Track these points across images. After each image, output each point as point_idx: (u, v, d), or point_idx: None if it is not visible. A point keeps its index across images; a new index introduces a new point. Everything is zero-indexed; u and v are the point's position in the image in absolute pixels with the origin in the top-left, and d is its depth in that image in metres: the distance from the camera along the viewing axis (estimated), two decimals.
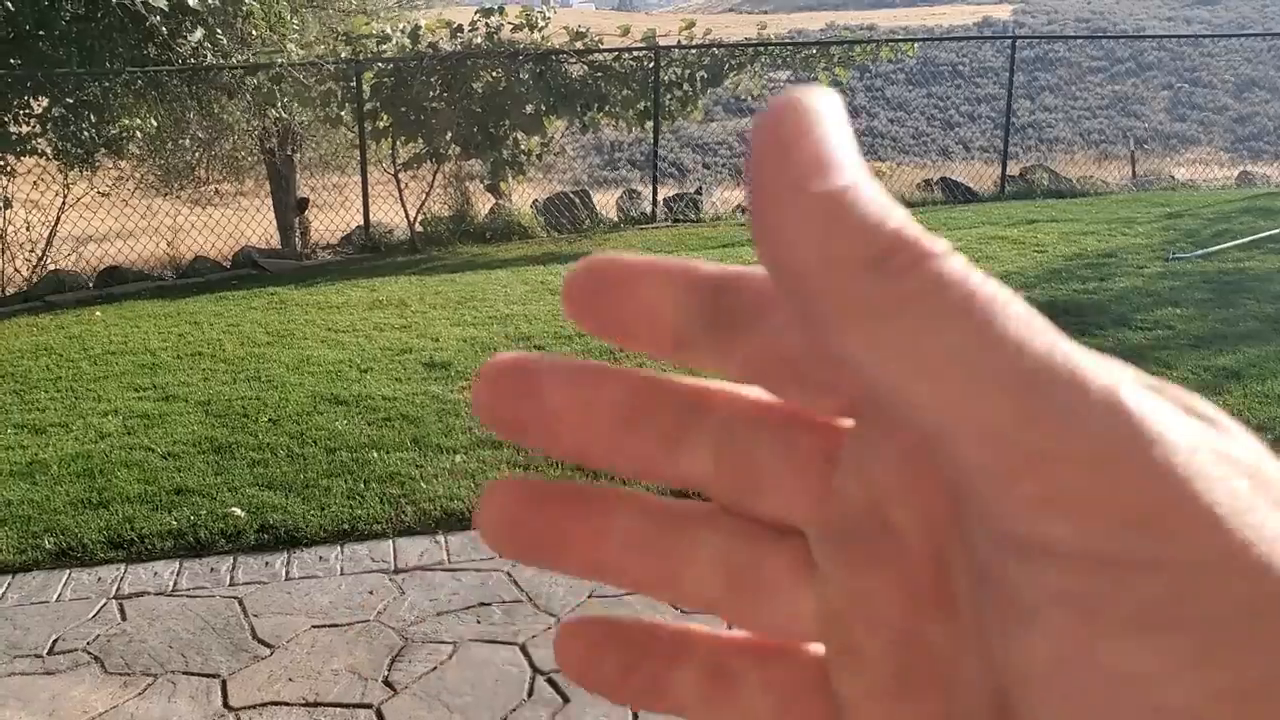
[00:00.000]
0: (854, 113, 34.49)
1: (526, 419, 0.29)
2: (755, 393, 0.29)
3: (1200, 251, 9.45)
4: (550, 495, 0.30)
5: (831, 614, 0.27)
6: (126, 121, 11.02)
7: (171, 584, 4.32)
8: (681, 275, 0.28)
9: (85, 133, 10.63)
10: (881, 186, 0.24)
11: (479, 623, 3.96)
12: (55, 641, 3.92)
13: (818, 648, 0.28)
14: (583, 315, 0.28)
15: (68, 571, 4.43)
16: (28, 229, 11.12)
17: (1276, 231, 10.16)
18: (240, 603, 4.16)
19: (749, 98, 13.53)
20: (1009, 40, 15.77)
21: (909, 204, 13.58)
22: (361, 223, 12.29)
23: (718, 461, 0.28)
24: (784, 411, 0.28)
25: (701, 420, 0.29)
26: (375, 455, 5.36)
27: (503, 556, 0.30)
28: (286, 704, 3.53)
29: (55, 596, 4.24)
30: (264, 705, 3.53)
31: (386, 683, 3.62)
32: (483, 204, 12.77)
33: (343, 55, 11.88)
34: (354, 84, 11.71)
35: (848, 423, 0.28)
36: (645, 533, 0.30)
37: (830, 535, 0.27)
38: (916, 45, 14.82)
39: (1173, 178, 15.44)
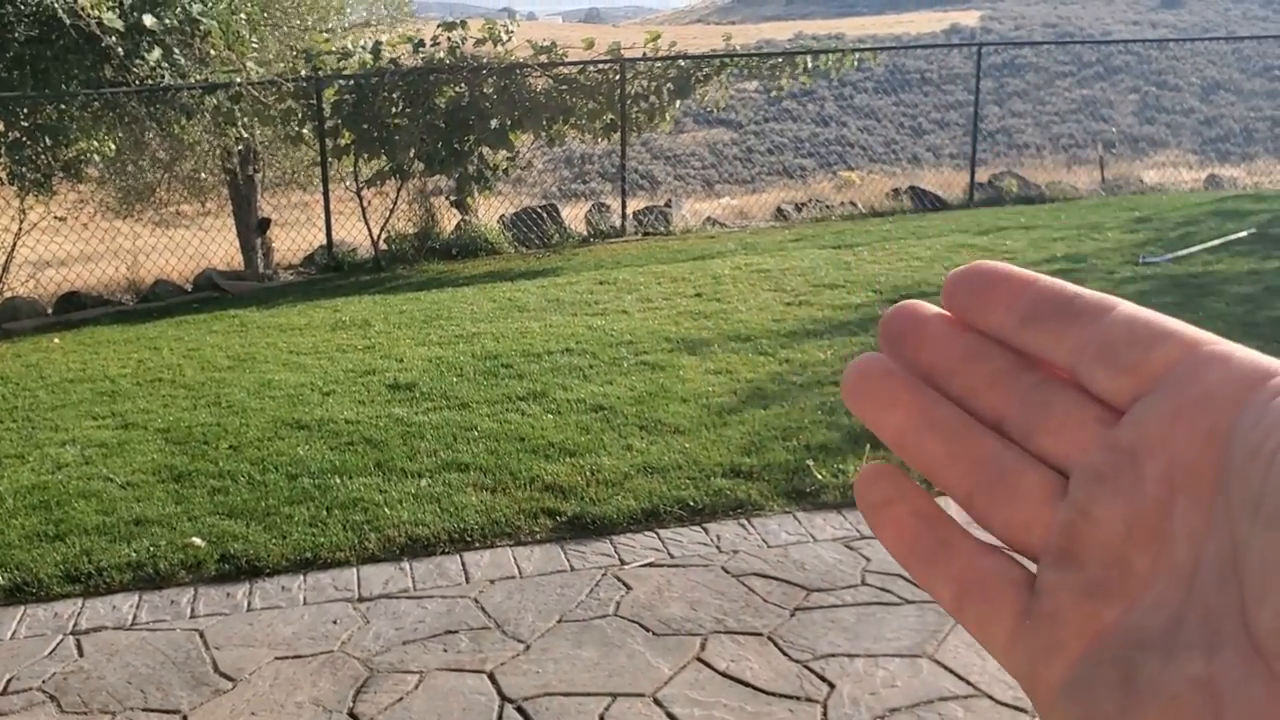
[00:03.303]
0: (824, 121, 34.58)
1: (904, 336, 0.38)
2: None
3: (1170, 255, 9.46)
4: (890, 373, 0.38)
5: (1066, 527, 0.34)
6: (84, 144, 10.88)
7: (131, 618, 4.21)
8: (1045, 283, 0.36)
9: (41, 156, 10.49)
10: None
11: (445, 651, 3.87)
12: (9, 681, 3.80)
13: (1017, 573, 0.36)
14: (955, 305, 0.37)
15: (23, 608, 4.31)
16: None
17: (1244, 234, 10.19)
18: (201, 635, 4.06)
19: (715, 109, 13.51)
20: (976, 48, 15.78)
21: (878, 213, 13.61)
22: (324, 242, 12.18)
23: (1023, 403, 0.36)
24: (1082, 388, 0.35)
25: (1021, 377, 0.36)
26: (338, 481, 5.25)
27: (847, 401, 0.39)
28: None
29: (10, 634, 4.13)
30: None
31: (351, 715, 3.53)
32: (449, 220, 12.67)
33: (303, 73, 11.78)
34: (315, 101, 11.61)
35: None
36: (949, 421, 0.37)
37: (1091, 471, 0.34)
38: (881, 54, 14.81)
39: (1141, 181, 15.49)
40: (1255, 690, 0.28)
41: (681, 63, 12.79)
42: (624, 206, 13.19)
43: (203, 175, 13.48)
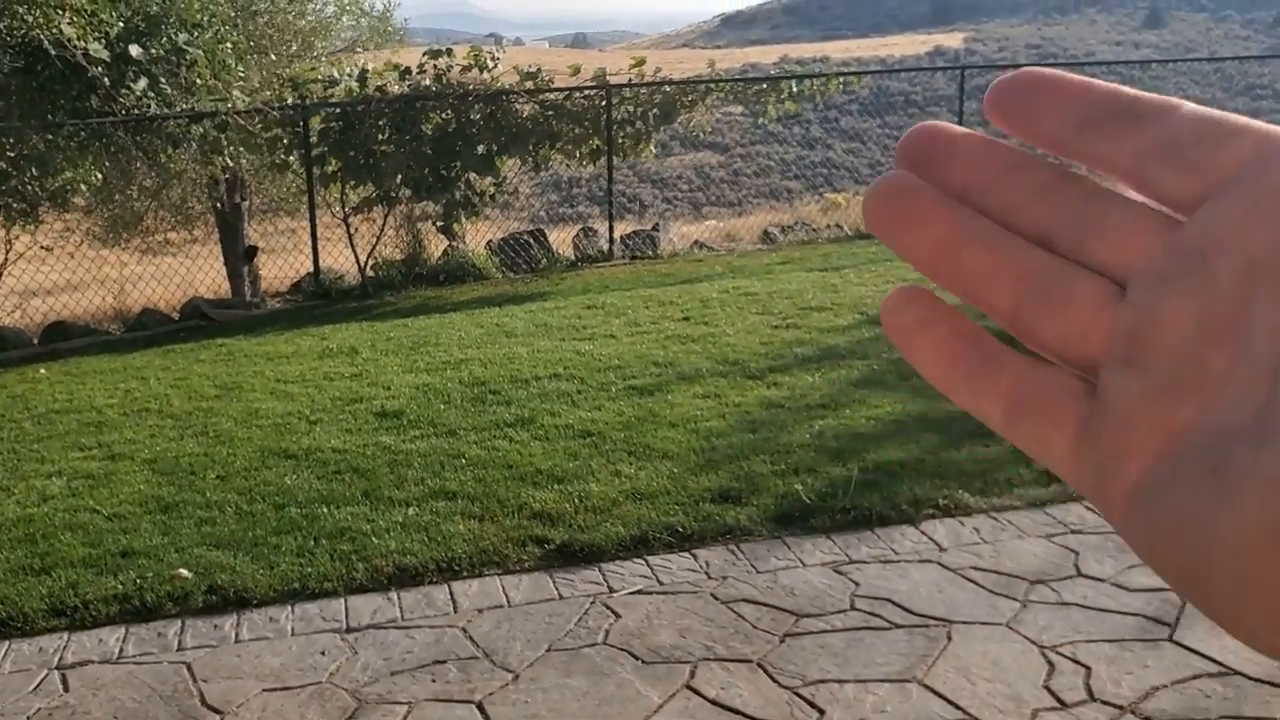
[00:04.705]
0: (810, 144, 34.73)
1: (932, 155, 0.37)
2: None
3: None
4: (921, 188, 0.36)
5: (1130, 330, 0.33)
6: (70, 174, 10.87)
7: (117, 651, 4.18)
8: (1101, 86, 0.34)
9: (28, 186, 10.49)
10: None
11: (434, 681, 3.86)
12: None
13: (1073, 383, 0.34)
14: (1002, 113, 0.35)
15: (7, 642, 4.27)
16: None
17: None
18: (189, 668, 4.03)
19: (701, 134, 13.55)
20: (959, 70, 15.87)
21: (864, 236, 13.64)
22: (311, 269, 12.17)
23: (1073, 214, 0.34)
24: (1136, 199, 0.34)
25: (1068, 188, 0.35)
26: (325, 510, 5.23)
27: (872, 227, 0.37)
28: None
29: None
30: None
31: None
32: (436, 246, 12.67)
33: (289, 101, 11.79)
34: (301, 129, 11.62)
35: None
36: (990, 234, 0.35)
37: (1154, 274, 0.33)
38: (866, 77, 14.88)
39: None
40: None
41: (667, 88, 12.83)
42: (611, 230, 13.21)
43: (190, 203, 13.48)
